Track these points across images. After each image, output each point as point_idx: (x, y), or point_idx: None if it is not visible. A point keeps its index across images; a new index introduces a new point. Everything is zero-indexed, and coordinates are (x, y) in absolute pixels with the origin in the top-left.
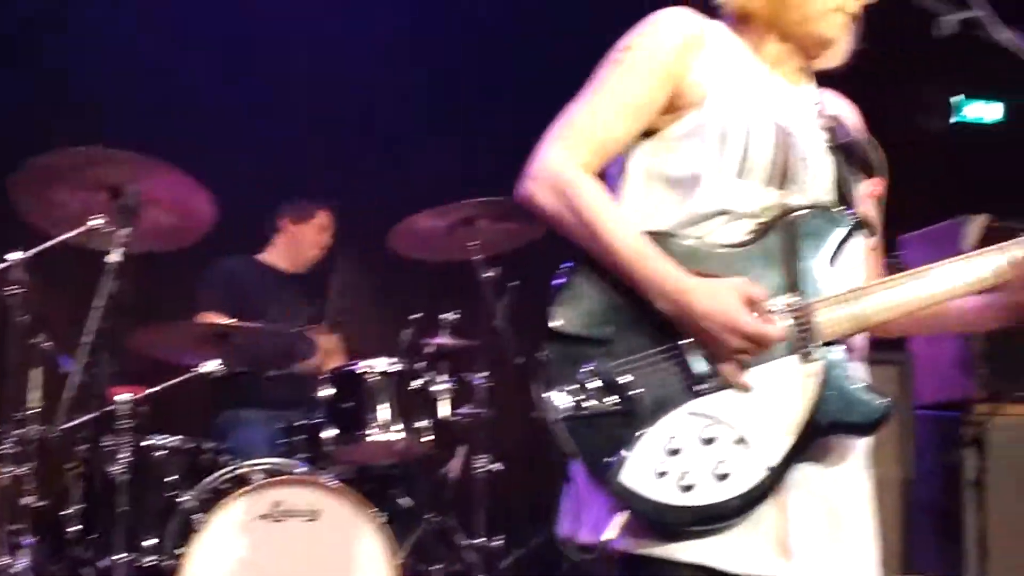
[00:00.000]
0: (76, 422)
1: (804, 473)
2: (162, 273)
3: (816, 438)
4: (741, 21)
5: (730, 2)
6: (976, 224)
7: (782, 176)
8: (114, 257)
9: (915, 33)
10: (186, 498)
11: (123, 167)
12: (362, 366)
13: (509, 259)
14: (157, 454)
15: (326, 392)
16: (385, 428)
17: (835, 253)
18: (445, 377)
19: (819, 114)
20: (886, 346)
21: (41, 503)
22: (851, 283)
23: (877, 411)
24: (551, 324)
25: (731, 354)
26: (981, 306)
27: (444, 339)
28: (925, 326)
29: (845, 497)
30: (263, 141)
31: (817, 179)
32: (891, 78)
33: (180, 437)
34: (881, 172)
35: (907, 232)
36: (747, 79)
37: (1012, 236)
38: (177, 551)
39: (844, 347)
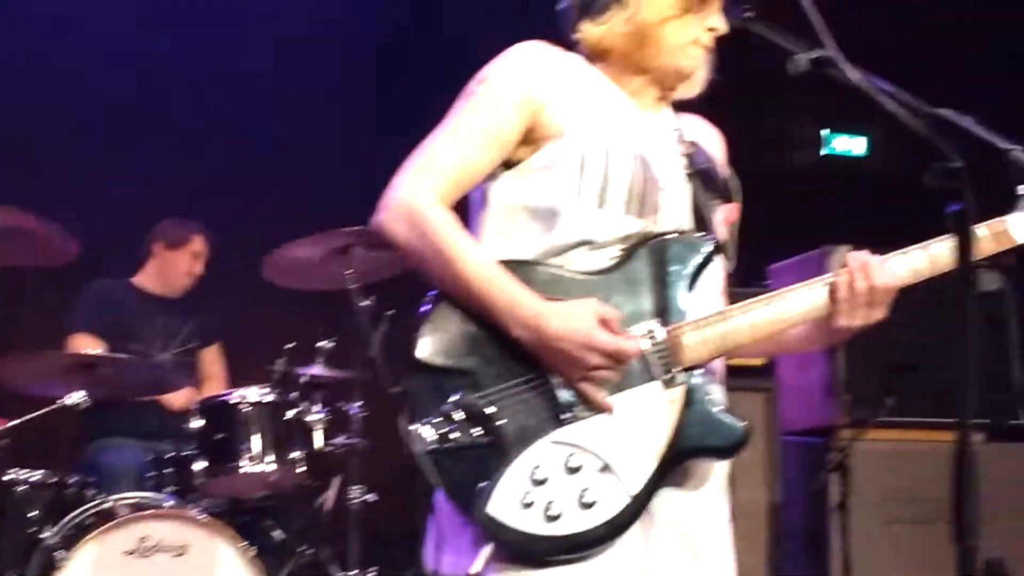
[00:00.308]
0: None
1: (666, 499)
2: (26, 298)
3: (679, 463)
4: (598, 56)
5: (588, 38)
6: (839, 254)
7: (641, 204)
8: None
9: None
10: (48, 534)
11: None
12: (235, 396)
13: (385, 288)
14: (19, 489)
15: (197, 423)
16: (258, 459)
17: (694, 278)
18: (319, 407)
19: (678, 140)
20: (753, 373)
21: None
22: (710, 308)
23: (737, 434)
24: (415, 355)
25: (589, 372)
26: (816, 328)
27: (319, 369)
28: (776, 348)
29: (705, 522)
30: (138, 164)
31: (676, 205)
32: (765, 112)
33: (43, 471)
34: (737, 198)
35: (779, 260)
36: (605, 109)
37: None
38: None
39: (704, 371)
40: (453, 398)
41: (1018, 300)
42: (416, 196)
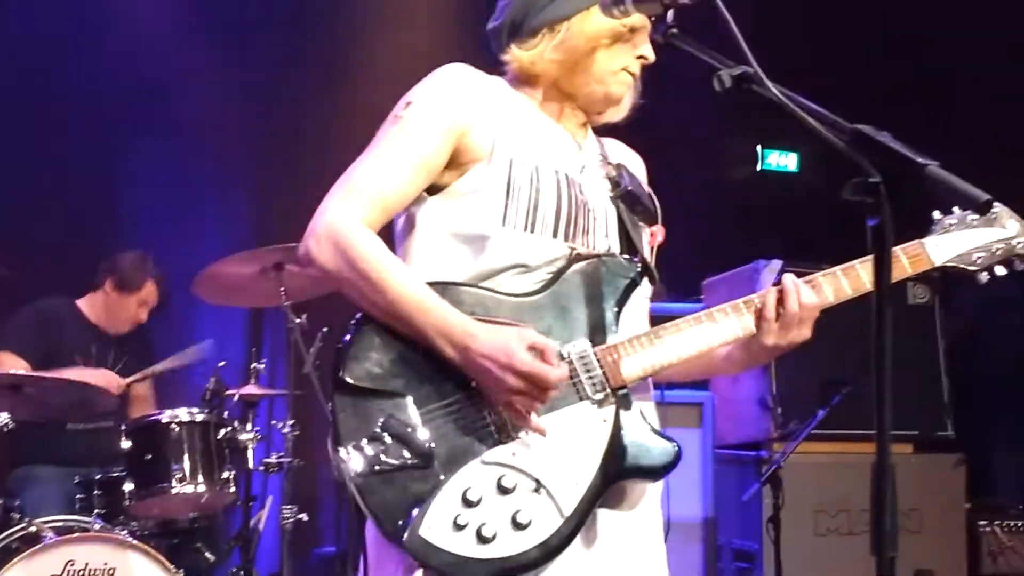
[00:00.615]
0: None
1: (601, 518)
2: None
3: (611, 483)
4: (526, 80)
5: (517, 62)
6: (770, 269)
7: (569, 226)
8: None
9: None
10: None
11: None
12: (165, 416)
13: (318, 306)
14: None
15: (125, 444)
16: (188, 480)
17: (623, 300)
18: (251, 426)
19: (602, 164)
20: (687, 387)
21: None
22: (638, 329)
23: (668, 455)
24: (341, 377)
25: (511, 395)
26: (743, 348)
27: (251, 387)
28: (705, 369)
29: (640, 542)
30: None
31: (603, 228)
32: (702, 130)
33: None
34: (659, 221)
35: (716, 273)
36: (530, 133)
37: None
38: None
39: (636, 391)
40: (381, 420)
41: (945, 314)
42: (342, 222)
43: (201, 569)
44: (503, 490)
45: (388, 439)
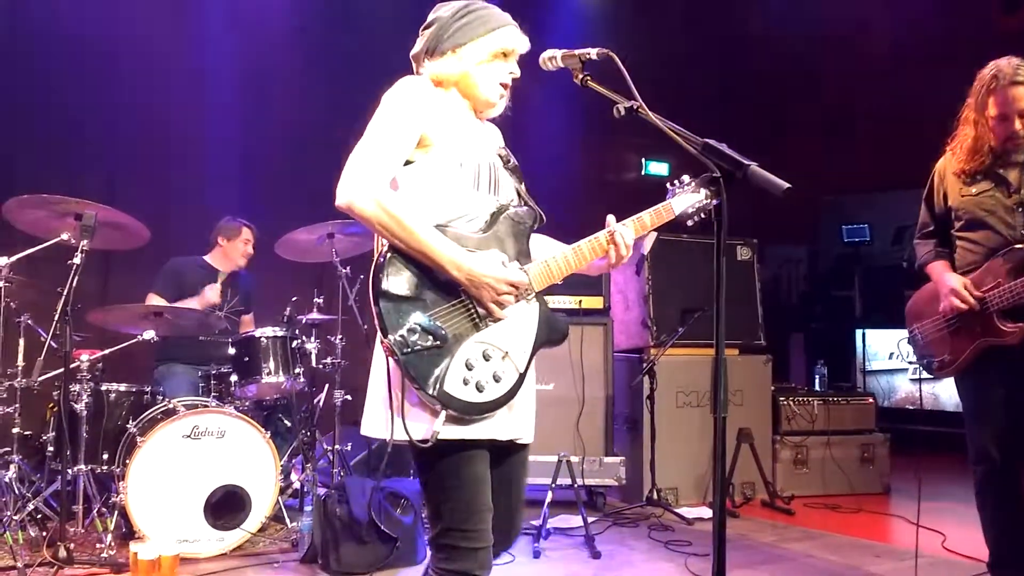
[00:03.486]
0: (51, 374)
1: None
2: (116, 269)
3: (538, 350)
4: (439, 85)
5: (433, 74)
6: (650, 237)
7: (491, 186)
8: (77, 260)
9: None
10: (131, 425)
11: (84, 204)
12: (257, 332)
13: (357, 260)
14: (111, 396)
15: (232, 351)
16: (273, 373)
17: (529, 233)
18: (314, 339)
19: (499, 145)
20: (597, 313)
21: (26, 432)
22: (540, 254)
23: (565, 329)
24: (381, 287)
25: (499, 296)
26: (595, 264)
27: (314, 314)
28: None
29: (530, 382)
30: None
31: (506, 186)
32: (601, 145)
33: (127, 384)
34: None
35: None
36: (463, 123)
37: (672, 245)
38: (126, 462)
39: (544, 292)
40: (412, 317)
41: (760, 266)
42: (376, 183)
43: (281, 432)
44: (486, 358)
45: (418, 330)
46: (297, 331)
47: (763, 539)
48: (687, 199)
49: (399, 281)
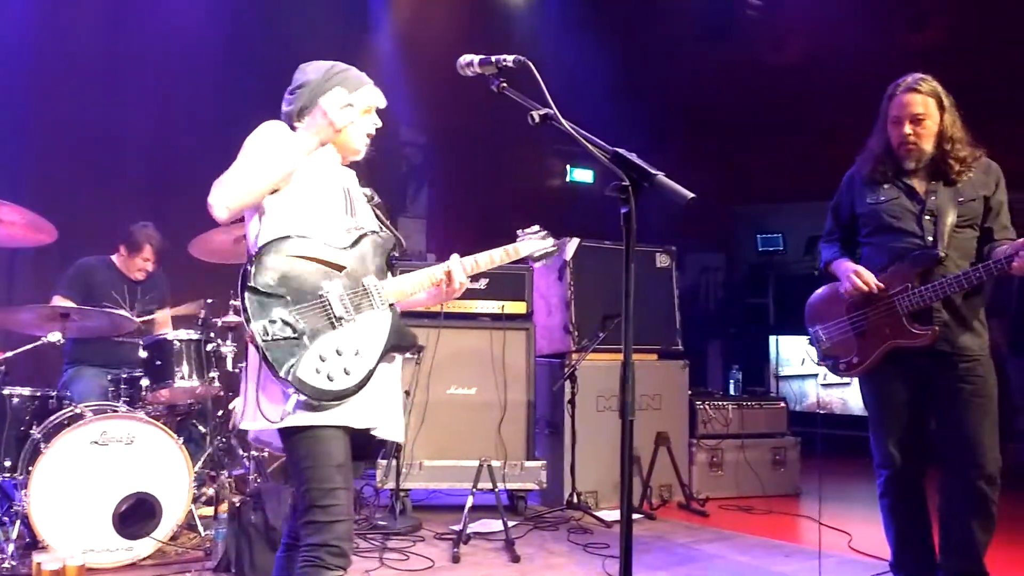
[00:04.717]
0: None
1: (379, 370)
2: (21, 269)
3: (387, 352)
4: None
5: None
6: (572, 243)
7: (354, 213)
8: None
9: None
10: (35, 431)
11: None
12: (170, 335)
13: None
14: (15, 400)
15: (143, 354)
16: (186, 378)
17: (390, 255)
18: (230, 342)
19: (359, 185)
20: (519, 318)
21: None
22: (394, 274)
23: (413, 338)
24: (249, 283)
25: (343, 108)
26: (430, 295)
27: (230, 316)
28: (423, 302)
29: (391, 383)
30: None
31: (367, 216)
32: (530, 154)
33: (31, 388)
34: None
35: None
36: (326, 161)
37: (594, 251)
38: (29, 469)
39: (396, 305)
40: (274, 311)
41: (679, 274)
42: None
43: (196, 438)
44: (339, 353)
45: (279, 322)
46: (212, 334)
47: (678, 540)
48: (534, 244)
49: (265, 279)
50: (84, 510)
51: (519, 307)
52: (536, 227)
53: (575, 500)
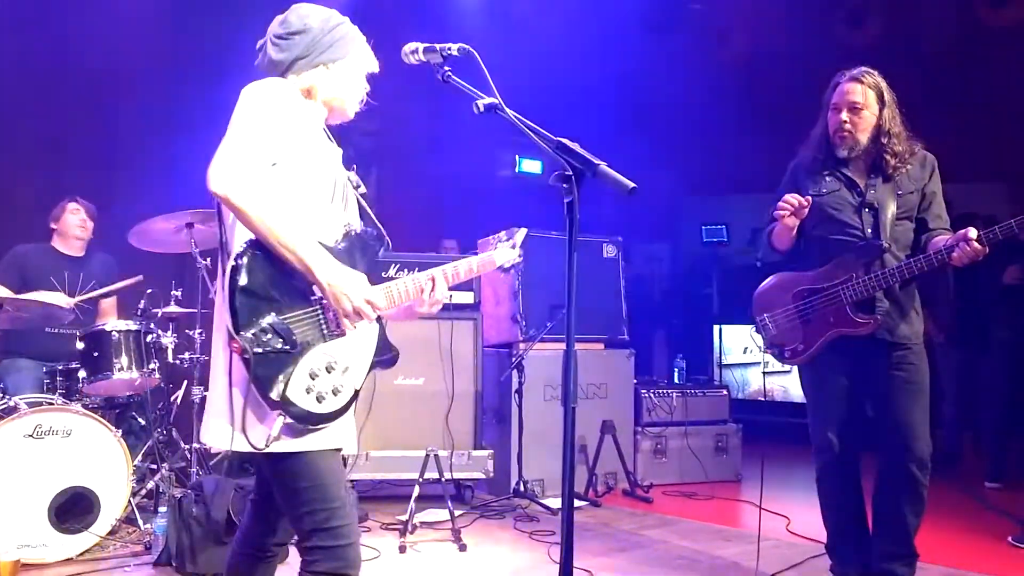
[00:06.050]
0: None
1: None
2: None
3: (371, 370)
4: (307, 94)
5: (302, 84)
6: (519, 233)
7: (344, 204)
8: None
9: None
10: None
11: None
12: (109, 325)
13: (218, 252)
14: None
15: (81, 345)
16: (125, 369)
17: (376, 255)
18: (171, 333)
19: (346, 167)
20: (467, 308)
21: None
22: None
23: (396, 353)
24: (239, 283)
25: (359, 309)
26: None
27: (171, 307)
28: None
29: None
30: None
31: (352, 205)
32: (479, 145)
33: None
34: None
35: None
36: (320, 136)
37: (542, 242)
38: None
39: (383, 317)
40: (266, 318)
41: (625, 264)
42: (253, 176)
43: (135, 431)
44: (329, 369)
45: (270, 331)
46: (152, 325)
47: (622, 527)
48: (507, 254)
49: (257, 280)
50: (19, 505)
51: (467, 297)
52: (504, 234)
53: (522, 489)
